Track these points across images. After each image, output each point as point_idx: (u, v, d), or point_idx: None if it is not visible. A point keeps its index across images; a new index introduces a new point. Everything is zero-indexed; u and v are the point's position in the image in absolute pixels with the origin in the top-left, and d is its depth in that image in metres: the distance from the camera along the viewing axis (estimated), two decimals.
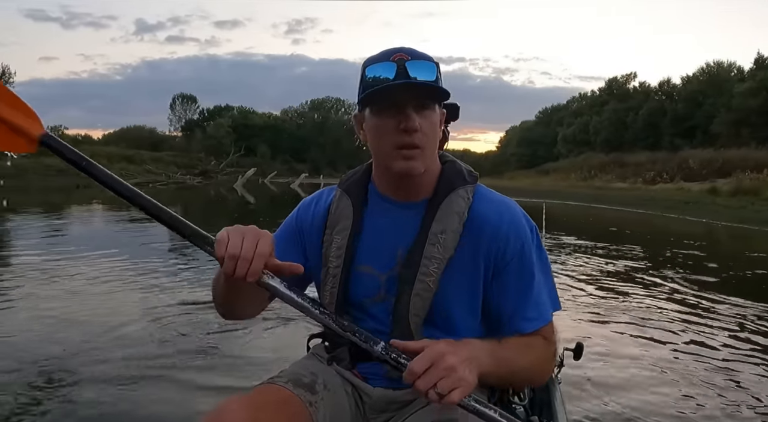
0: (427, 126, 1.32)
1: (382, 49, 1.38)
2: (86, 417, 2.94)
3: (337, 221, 1.47)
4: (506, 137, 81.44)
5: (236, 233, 1.16)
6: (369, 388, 1.45)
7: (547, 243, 10.35)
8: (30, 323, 4.55)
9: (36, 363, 3.63)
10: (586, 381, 3.52)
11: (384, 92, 1.30)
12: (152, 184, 37.90)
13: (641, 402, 3.29)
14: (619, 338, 4.66)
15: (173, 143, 71.14)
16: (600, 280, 7.23)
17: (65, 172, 40.39)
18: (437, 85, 1.32)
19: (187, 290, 5.85)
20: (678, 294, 6.43)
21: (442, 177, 1.43)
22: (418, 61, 1.31)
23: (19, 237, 10.41)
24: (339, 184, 1.55)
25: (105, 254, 8.13)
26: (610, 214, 20.82)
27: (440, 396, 1.10)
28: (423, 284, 1.35)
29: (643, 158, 40.09)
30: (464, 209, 1.38)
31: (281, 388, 1.34)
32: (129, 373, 3.48)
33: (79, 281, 6.26)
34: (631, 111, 50.93)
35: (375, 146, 1.39)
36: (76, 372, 3.48)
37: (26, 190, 27.47)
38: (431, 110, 1.34)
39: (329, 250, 1.46)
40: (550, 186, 39.09)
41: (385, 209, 1.46)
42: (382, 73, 1.31)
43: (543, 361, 1.39)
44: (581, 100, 65.32)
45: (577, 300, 5.92)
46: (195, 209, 21.43)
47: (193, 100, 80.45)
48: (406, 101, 1.30)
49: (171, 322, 4.66)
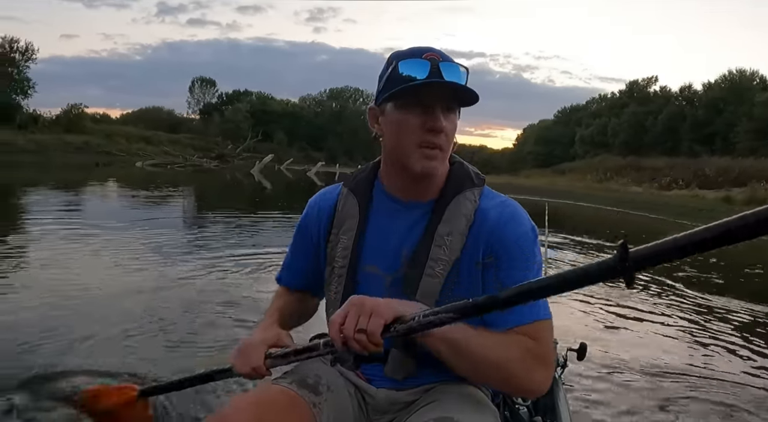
0: (451, 128, 1.34)
1: (412, 46, 1.38)
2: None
3: (344, 221, 1.47)
4: (524, 135, 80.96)
5: (241, 359, 1.38)
6: (372, 389, 1.46)
7: (552, 241, 10.42)
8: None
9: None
10: (589, 381, 3.52)
11: (417, 89, 1.30)
12: (170, 166, 38.14)
13: (645, 402, 3.29)
14: (623, 339, 4.67)
15: (191, 126, 71.22)
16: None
17: (83, 149, 40.96)
18: (472, 89, 1.31)
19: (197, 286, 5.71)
20: (683, 298, 6.46)
21: (450, 178, 1.43)
22: (451, 64, 1.31)
23: (40, 211, 10.58)
24: (345, 183, 1.54)
25: (120, 227, 8.33)
26: (616, 216, 20.86)
27: (362, 332, 1.11)
28: (428, 285, 1.35)
29: (660, 163, 39.95)
30: (471, 212, 1.38)
31: (286, 389, 1.35)
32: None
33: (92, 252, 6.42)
34: (651, 115, 50.58)
35: (394, 142, 1.38)
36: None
37: (47, 166, 27.67)
38: (455, 112, 1.36)
39: (335, 250, 1.47)
40: (566, 186, 39.02)
41: (391, 208, 1.45)
42: (415, 70, 1.30)
43: (524, 355, 1.24)
44: (601, 102, 65.02)
45: (582, 300, 5.93)
46: (213, 192, 21.78)
47: (212, 84, 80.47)
48: (435, 101, 1.30)
49: (172, 318, 4.34)
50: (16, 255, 6.08)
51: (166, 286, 5.16)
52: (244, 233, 9.26)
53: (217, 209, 13.48)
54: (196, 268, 6.01)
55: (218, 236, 8.73)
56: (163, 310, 4.37)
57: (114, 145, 45.59)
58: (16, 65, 46.29)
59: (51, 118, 47.59)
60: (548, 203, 7.28)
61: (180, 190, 20.36)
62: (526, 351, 1.23)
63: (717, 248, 0.73)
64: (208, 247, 7.44)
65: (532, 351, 1.24)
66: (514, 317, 1.26)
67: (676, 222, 18.52)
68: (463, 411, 1.28)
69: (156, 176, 27.82)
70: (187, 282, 5.34)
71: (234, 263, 6.39)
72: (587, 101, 68.99)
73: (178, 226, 9.71)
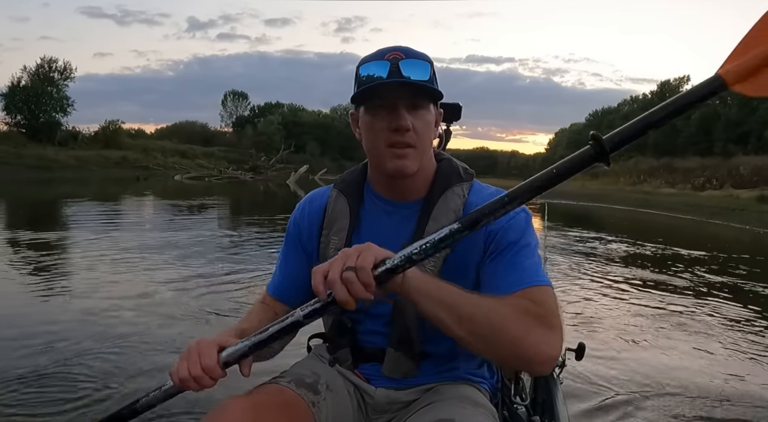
0: (420, 125, 1.32)
1: (381, 47, 1.36)
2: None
3: (334, 222, 1.46)
4: (555, 139, 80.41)
5: (184, 364, 1.14)
6: (371, 389, 1.45)
7: (586, 236, 10.58)
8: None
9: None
10: (588, 381, 3.51)
11: (375, 90, 1.30)
12: (207, 178, 38.98)
13: (645, 403, 3.28)
14: (623, 338, 4.64)
15: (224, 139, 72.31)
16: (612, 279, 7.33)
17: (121, 164, 41.98)
18: (428, 85, 1.30)
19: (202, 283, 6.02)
20: (691, 295, 6.46)
21: (437, 176, 1.43)
22: (412, 60, 1.30)
23: (83, 221, 11.21)
24: (335, 184, 1.54)
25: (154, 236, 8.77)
26: (644, 217, 20.86)
27: (351, 270, 1.01)
28: None
29: (694, 163, 39.53)
30: (460, 206, 1.37)
31: (284, 388, 1.33)
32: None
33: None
34: (683, 115, 49.79)
35: (368, 145, 1.38)
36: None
37: (88, 181, 28.57)
38: (425, 109, 1.33)
39: (327, 251, 1.44)
40: (598, 190, 38.86)
41: (381, 208, 1.45)
42: (375, 71, 1.30)
43: (523, 316, 1.15)
44: (632, 103, 64.24)
45: (585, 297, 6.00)
46: (257, 200, 23.01)
47: (244, 97, 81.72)
48: (398, 100, 1.30)
49: (173, 316, 4.62)
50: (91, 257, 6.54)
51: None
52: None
53: (256, 214, 13.99)
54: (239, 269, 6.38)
55: (256, 238, 9.21)
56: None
57: (150, 159, 46.75)
58: (55, 85, 47.62)
59: (90, 134, 49.02)
60: (547, 203, 7.18)
61: (221, 200, 21.43)
62: (524, 311, 1.14)
63: (667, 122, 0.98)
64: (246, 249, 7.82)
65: (531, 311, 1.15)
66: (511, 283, 1.23)
67: (709, 222, 18.50)
68: (462, 411, 1.28)
69: (195, 188, 28.89)
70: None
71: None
72: (619, 103, 68.06)
73: (235, 227, 10.30)
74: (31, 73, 47.60)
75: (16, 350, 3.62)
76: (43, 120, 45.46)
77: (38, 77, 47.38)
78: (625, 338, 4.65)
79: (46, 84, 46.91)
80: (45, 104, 46.00)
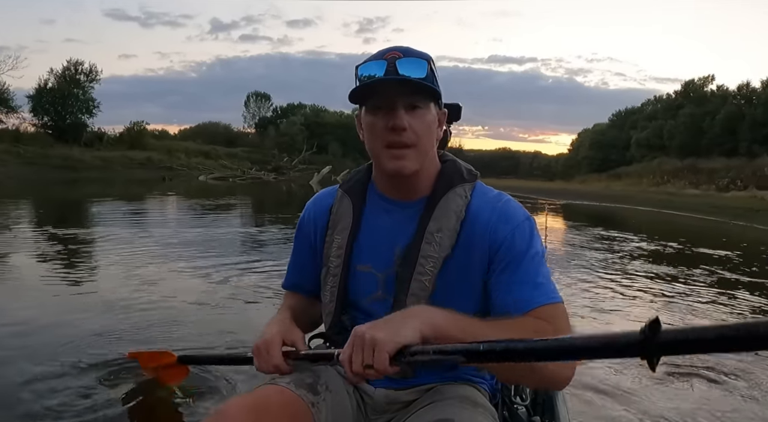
0: (419, 125, 1.32)
1: (381, 49, 1.39)
2: None
3: (338, 221, 1.48)
4: (578, 140, 79.53)
5: (262, 358, 1.40)
6: (370, 389, 1.46)
7: (610, 235, 10.62)
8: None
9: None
10: (588, 381, 3.43)
11: (373, 89, 1.32)
12: (232, 178, 39.43)
13: (646, 403, 3.20)
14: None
15: (246, 140, 73.15)
16: (625, 273, 7.29)
17: (146, 165, 42.56)
18: (423, 82, 1.31)
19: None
20: (700, 293, 6.38)
21: (440, 176, 1.43)
22: (409, 59, 1.31)
23: (109, 220, 11.45)
24: (341, 185, 1.56)
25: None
26: (666, 218, 20.66)
27: (370, 367, 1.11)
28: (419, 283, 1.35)
29: (718, 164, 39.26)
30: (462, 208, 1.37)
31: (283, 389, 1.32)
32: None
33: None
34: (708, 115, 49.26)
35: (369, 145, 1.40)
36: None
37: (113, 181, 29.05)
38: (424, 109, 1.34)
39: (330, 249, 1.48)
40: (621, 191, 38.59)
41: (384, 208, 1.46)
42: (373, 71, 1.31)
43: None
44: (656, 103, 63.68)
45: (587, 296, 5.92)
46: (277, 199, 22.99)
47: (267, 98, 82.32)
48: (396, 100, 1.31)
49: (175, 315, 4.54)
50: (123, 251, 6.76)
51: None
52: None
53: (280, 212, 14.19)
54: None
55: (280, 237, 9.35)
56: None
57: (174, 160, 47.41)
58: (81, 86, 48.44)
59: (115, 135, 49.85)
60: (546, 204, 7.13)
61: (245, 199, 21.78)
62: (538, 335, 1.09)
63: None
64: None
65: (545, 333, 1.17)
66: (525, 302, 1.27)
67: (733, 223, 18.37)
68: (462, 411, 1.29)
69: (219, 188, 29.20)
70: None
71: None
72: (642, 103, 67.28)
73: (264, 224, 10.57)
74: (58, 75, 48.64)
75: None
76: (69, 121, 46.48)
77: (64, 79, 48.26)
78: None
79: (72, 86, 47.76)
80: (71, 106, 46.97)
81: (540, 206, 20.31)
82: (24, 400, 2.72)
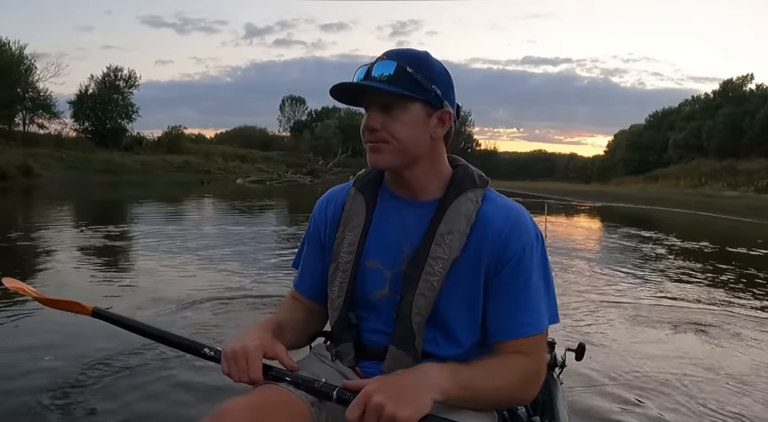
0: (395, 125, 1.34)
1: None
2: None
3: (350, 219, 1.48)
4: (615, 141, 78.47)
5: (237, 365, 1.28)
6: None
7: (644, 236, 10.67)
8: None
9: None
10: (588, 381, 3.45)
11: (347, 93, 1.41)
12: (268, 181, 40.07)
13: (646, 403, 3.20)
14: (627, 337, 4.55)
15: (282, 143, 74.05)
16: (635, 277, 7.33)
17: (184, 168, 43.36)
18: (374, 84, 1.32)
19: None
20: (705, 294, 6.38)
21: (453, 180, 1.44)
22: (383, 62, 1.34)
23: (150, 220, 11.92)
24: (354, 183, 1.56)
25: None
26: (701, 219, 20.51)
27: None
28: (427, 283, 1.35)
29: (757, 165, 38.65)
30: (472, 212, 1.37)
31: (283, 389, 1.31)
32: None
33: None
34: (747, 115, 48.42)
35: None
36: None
37: (153, 184, 29.76)
38: (400, 108, 1.34)
39: (341, 246, 1.47)
40: (658, 193, 38.30)
41: (394, 207, 1.47)
42: (357, 75, 1.37)
43: (523, 379, 1.33)
44: (694, 103, 62.67)
45: (587, 298, 5.89)
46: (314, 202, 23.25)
47: (302, 102, 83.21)
48: (370, 102, 1.36)
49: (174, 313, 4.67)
50: None
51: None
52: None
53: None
54: None
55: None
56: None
57: (212, 163, 48.26)
58: (120, 92, 49.62)
59: (153, 139, 51.07)
60: (546, 204, 7.15)
61: (281, 201, 22.43)
62: (522, 374, 1.32)
63: None
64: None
65: (528, 371, 1.33)
66: (513, 327, 1.34)
67: (764, 224, 18.19)
68: (462, 412, 1.29)
69: (257, 190, 29.77)
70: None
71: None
72: (680, 103, 66.17)
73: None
74: (98, 81, 49.88)
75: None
76: (109, 126, 47.62)
77: (105, 85, 49.48)
78: (638, 337, 4.57)
79: (112, 92, 48.92)
80: (111, 111, 48.15)
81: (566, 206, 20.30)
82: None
